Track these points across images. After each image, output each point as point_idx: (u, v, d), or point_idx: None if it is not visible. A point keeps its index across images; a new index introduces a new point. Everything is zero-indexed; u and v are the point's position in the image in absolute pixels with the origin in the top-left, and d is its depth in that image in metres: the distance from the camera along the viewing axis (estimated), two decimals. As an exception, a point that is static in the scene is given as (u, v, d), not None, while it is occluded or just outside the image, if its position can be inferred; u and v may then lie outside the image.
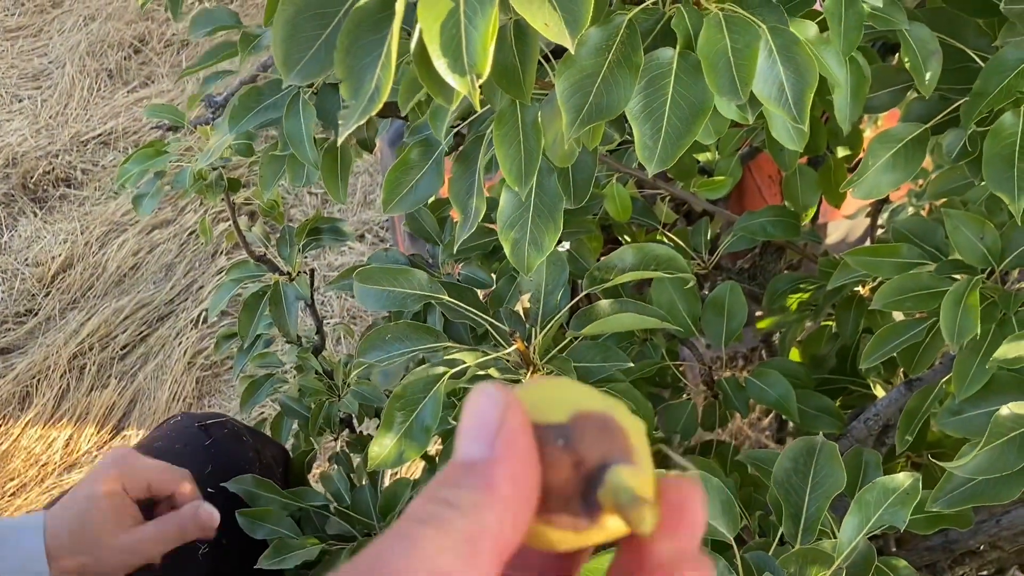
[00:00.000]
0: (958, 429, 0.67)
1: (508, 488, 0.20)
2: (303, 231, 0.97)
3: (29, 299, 1.97)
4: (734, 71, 0.53)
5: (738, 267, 0.99)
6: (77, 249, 2.02)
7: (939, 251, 0.69)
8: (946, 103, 0.65)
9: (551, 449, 0.21)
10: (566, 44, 0.48)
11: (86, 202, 2.12)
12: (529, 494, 0.21)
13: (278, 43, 0.49)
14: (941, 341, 0.70)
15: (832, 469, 0.60)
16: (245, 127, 0.76)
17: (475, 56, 0.44)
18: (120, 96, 2.28)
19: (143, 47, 2.41)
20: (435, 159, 0.67)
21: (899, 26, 0.63)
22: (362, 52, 0.47)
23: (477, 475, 0.20)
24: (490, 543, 0.20)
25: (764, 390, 0.74)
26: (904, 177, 0.65)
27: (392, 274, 0.69)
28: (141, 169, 0.88)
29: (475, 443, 0.21)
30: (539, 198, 0.65)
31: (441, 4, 0.45)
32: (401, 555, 0.19)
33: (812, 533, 0.59)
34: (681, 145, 0.56)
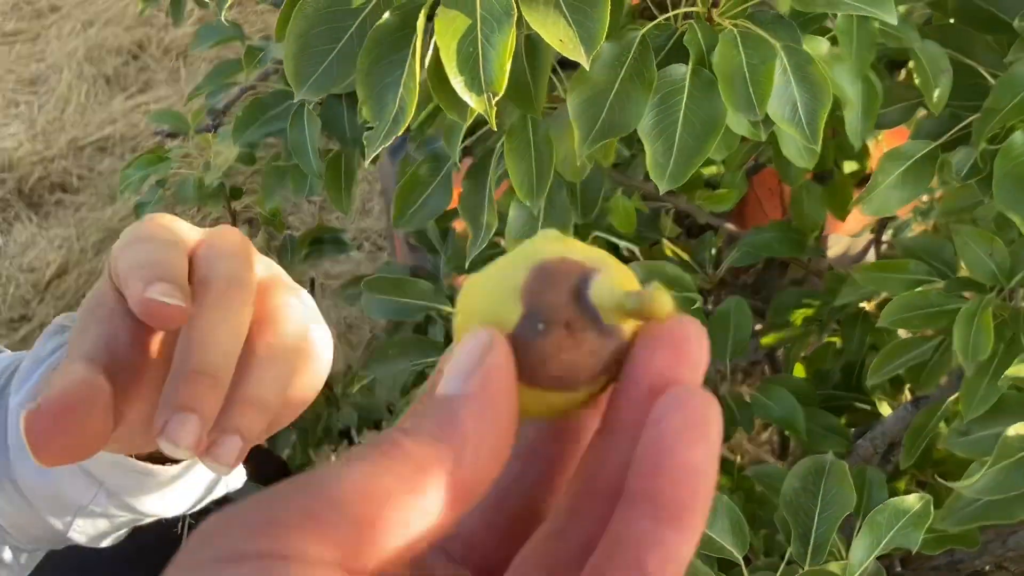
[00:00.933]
0: (966, 449, 0.66)
1: (472, 424, 0.19)
2: (305, 241, 0.97)
3: (23, 305, 1.96)
4: (750, 87, 0.52)
5: (741, 281, 0.99)
6: (72, 255, 2.01)
7: (947, 268, 0.69)
8: (956, 120, 0.65)
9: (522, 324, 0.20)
10: (581, 61, 0.48)
11: (82, 208, 2.10)
12: (499, 434, 0.19)
13: (289, 58, 0.49)
14: (948, 359, 0.70)
15: (841, 489, 0.60)
16: (250, 138, 0.76)
17: (492, 74, 0.44)
18: (118, 102, 2.27)
19: (141, 53, 2.40)
20: (444, 174, 0.67)
21: (910, 44, 0.63)
22: (383, 72, 0.47)
23: (443, 408, 0.19)
24: (443, 476, 0.18)
25: (770, 407, 0.74)
26: (914, 194, 0.65)
27: (398, 284, 0.69)
28: (142, 175, 0.87)
29: (453, 379, 0.20)
30: (549, 212, 0.65)
31: (459, 21, 0.44)
32: (340, 471, 0.18)
33: (821, 554, 0.58)
34: (693, 163, 0.56)
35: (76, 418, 0.30)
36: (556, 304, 0.20)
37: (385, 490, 0.18)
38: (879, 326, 0.67)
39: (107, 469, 0.41)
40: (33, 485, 0.43)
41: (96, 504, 0.43)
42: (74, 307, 1.98)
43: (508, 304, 0.20)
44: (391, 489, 0.18)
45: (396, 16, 0.48)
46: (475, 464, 0.19)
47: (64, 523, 0.44)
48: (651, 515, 0.19)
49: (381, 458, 0.18)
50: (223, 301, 0.33)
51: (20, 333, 1.92)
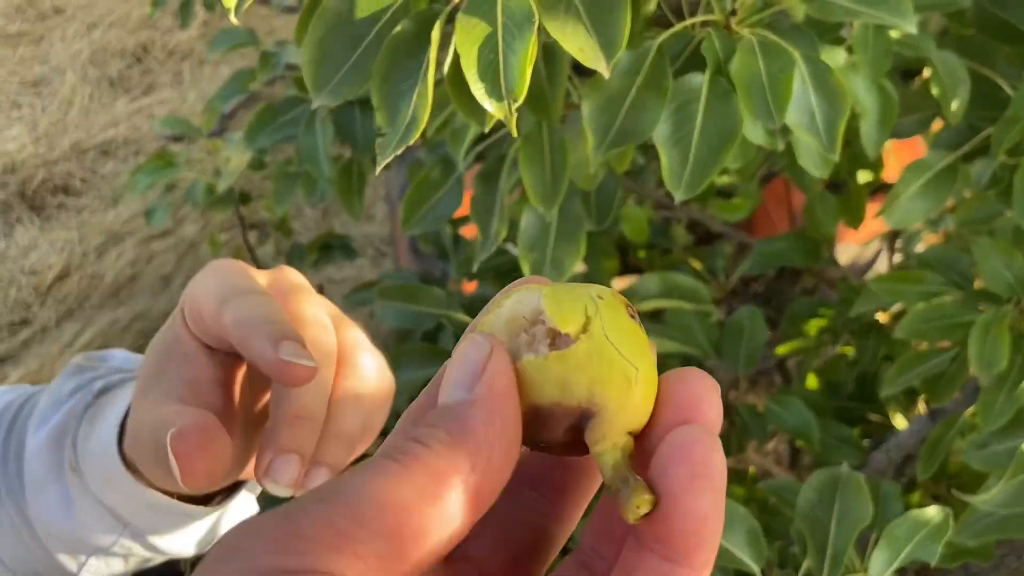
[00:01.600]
0: (984, 463, 0.66)
1: (483, 430, 0.19)
2: (314, 247, 0.96)
3: (24, 308, 1.95)
4: (769, 96, 0.52)
5: (752, 291, 0.98)
6: (74, 259, 2.01)
7: (964, 280, 0.68)
8: (974, 131, 0.64)
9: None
10: (601, 69, 0.47)
11: (84, 211, 2.10)
12: (508, 438, 0.20)
13: (307, 64, 0.48)
14: (964, 371, 0.70)
15: (858, 501, 0.59)
16: (262, 142, 0.75)
17: (513, 81, 0.44)
18: (121, 105, 2.27)
19: (145, 56, 2.40)
20: (455, 178, 0.67)
21: (927, 53, 0.62)
22: (398, 79, 0.46)
23: (452, 416, 0.19)
24: (459, 484, 0.18)
25: (784, 417, 0.73)
26: (935, 205, 0.65)
27: (411, 292, 0.68)
28: (151, 180, 0.87)
29: (456, 388, 0.20)
30: (562, 220, 0.64)
31: (479, 28, 0.44)
32: (360, 483, 0.18)
33: (838, 568, 0.57)
34: (709, 172, 0.55)
35: (215, 443, 0.32)
36: (551, 440, 0.21)
37: (407, 501, 0.18)
38: (895, 337, 0.66)
39: (140, 510, 0.41)
40: (51, 523, 0.43)
41: (118, 545, 0.43)
42: (75, 311, 1.97)
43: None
44: (413, 500, 0.18)
45: (413, 24, 0.48)
46: (488, 469, 0.19)
47: (77, 563, 0.44)
48: (662, 555, 0.19)
49: (399, 469, 0.18)
50: (314, 348, 0.35)
51: (21, 336, 1.91)
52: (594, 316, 0.21)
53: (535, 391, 0.20)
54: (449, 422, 0.19)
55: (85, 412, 0.42)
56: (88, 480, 0.41)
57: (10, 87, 2.34)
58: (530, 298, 0.21)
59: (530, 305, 0.21)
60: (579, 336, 0.20)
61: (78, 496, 0.41)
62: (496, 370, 0.20)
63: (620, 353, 0.20)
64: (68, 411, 0.42)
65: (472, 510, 0.19)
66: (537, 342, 0.21)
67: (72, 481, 0.41)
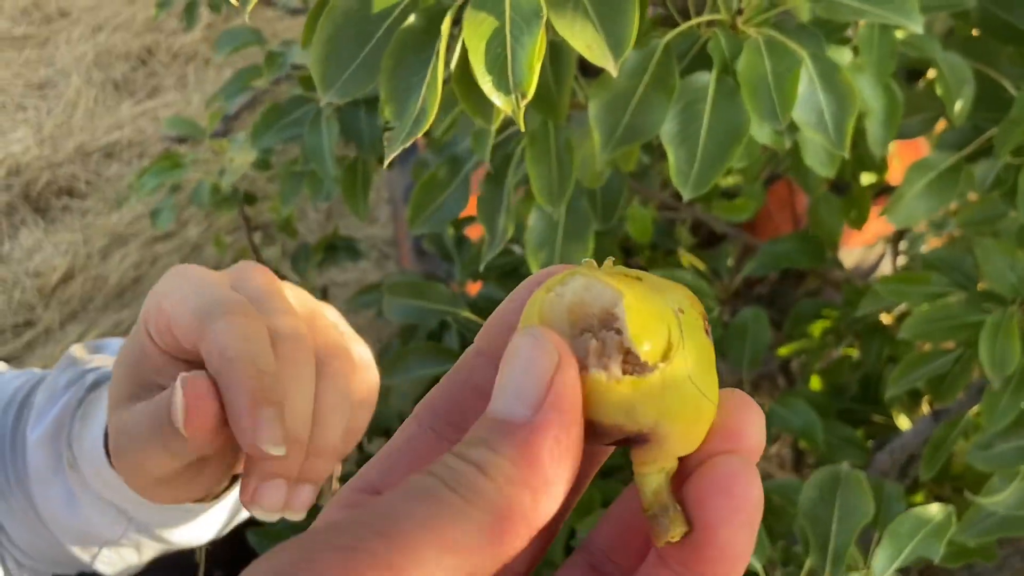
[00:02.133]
0: (988, 463, 0.66)
1: (551, 466, 0.17)
2: (319, 248, 0.96)
3: (28, 310, 1.96)
4: (774, 96, 0.52)
5: (756, 293, 0.98)
6: (79, 261, 2.01)
7: (968, 280, 0.68)
8: (978, 132, 0.65)
9: None
10: (608, 67, 0.48)
11: (88, 213, 2.10)
12: (573, 471, 0.18)
13: (316, 62, 0.49)
14: (969, 371, 0.70)
15: (859, 499, 0.59)
16: (267, 142, 0.75)
17: (521, 75, 0.44)
18: (126, 107, 2.27)
19: (150, 58, 2.41)
20: (462, 178, 0.67)
21: (932, 54, 0.63)
22: (406, 73, 0.46)
23: (517, 443, 0.17)
24: (521, 526, 0.17)
25: (789, 418, 0.73)
26: (939, 205, 0.65)
27: (418, 288, 0.69)
28: (158, 181, 0.87)
29: (516, 400, 0.18)
30: (569, 218, 0.65)
31: (487, 23, 0.44)
32: (419, 519, 0.16)
33: (840, 565, 0.58)
34: (717, 170, 0.55)
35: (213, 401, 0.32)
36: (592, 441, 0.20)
37: (470, 545, 0.17)
38: (899, 338, 0.66)
39: (140, 506, 0.41)
40: (58, 517, 0.43)
41: (126, 538, 0.42)
42: (79, 313, 1.98)
43: None
44: (476, 543, 0.17)
45: (421, 19, 0.48)
46: (550, 507, 0.18)
47: (90, 554, 0.44)
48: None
49: (462, 505, 0.17)
50: (294, 367, 0.33)
51: (25, 338, 1.91)
52: (677, 342, 0.19)
53: (596, 409, 0.18)
54: (511, 449, 0.18)
55: (79, 408, 0.42)
56: (86, 476, 0.41)
57: (15, 89, 2.35)
58: (603, 293, 0.19)
59: (602, 301, 0.19)
60: (658, 365, 0.18)
61: (79, 491, 0.41)
62: (565, 390, 0.18)
63: (698, 388, 0.19)
64: (63, 405, 0.42)
65: (525, 544, 0.17)
66: (609, 355, 0.19)
67: (72, 477, 0.41)
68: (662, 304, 0.19)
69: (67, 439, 0.41)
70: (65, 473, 0.41)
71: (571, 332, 0.19)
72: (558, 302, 0.19)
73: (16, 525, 0.44)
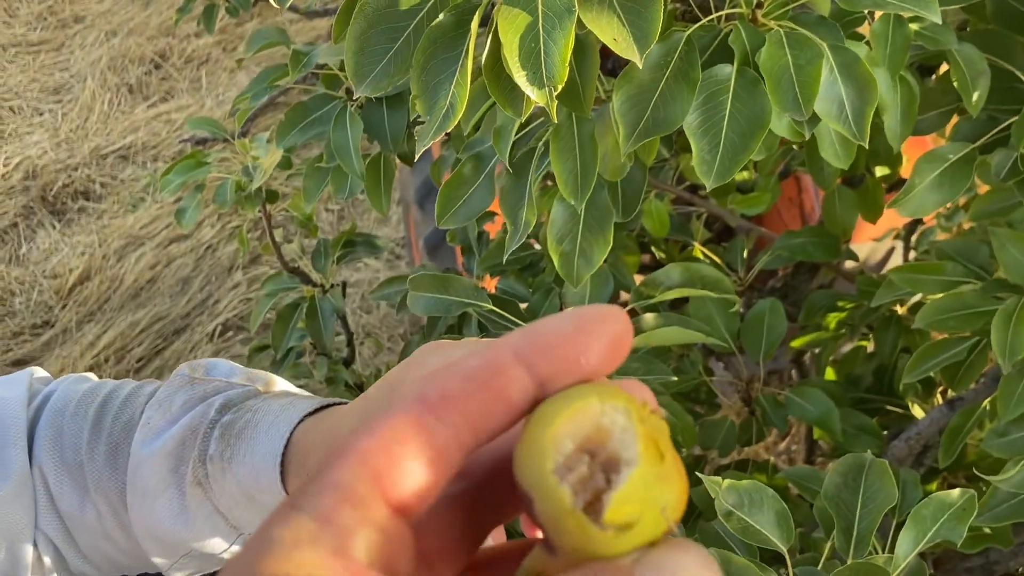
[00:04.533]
0: (1003, 450, 0.67)
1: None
2: (338, 243, 0.98)
3: (46, 311, 1.98)
4: (796, 87, 0.53)
5: (769, 286, 0.99)
6: (95, 262, 2.03)
7: (983, 270, 0.69)
8: (994, 123, 0.66)
9: None
10: (634, 59, 0.49)
11: (104, 215, 2.13)
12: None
13: (350, 56, 0.50)
14: (984, 360, 0.71)
15: (883, 484, 0.60)
16: (293, 141, 0.77)
17: (553, 69, 0.45)
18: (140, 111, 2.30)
19: (164, 62, 2.43)
20: (487, 173, 0.68)
21: (948, 46, 0.64)
22: (437, 69, 0.48)
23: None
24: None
25: (805, 407, 0.74)
26: (950, 196, 0.66)
27: (441, 281, 0.70)
28: (182, 180, 0.89)
29: None
30: (590, 212, 0.66)
31: (520, 18, 0.46)
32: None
33: (864, 548, 0.59)
34: (739, 160, 0.56)
35: None
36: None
37: None
38: (914, 328, 0.68)
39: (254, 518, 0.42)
40: (157, 528, 0.43)
41: (228, 553, 0.44)
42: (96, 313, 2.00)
43: None
44: None
45: (452, 16, 0.50)
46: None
47: (170, 562, 0.45)
48: None
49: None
50: None
51: (43, 338, 1.94)
52: (637, 534, 0.20)
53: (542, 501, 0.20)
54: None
55: (214, 430, 0.43)
56: (215, 495, 0.42)
57: (31, 94, 2.38)
58: (627, 449, 0.20)
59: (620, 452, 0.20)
60: (610, 528, 0.20)
61: (196, 507, 0.42)
62: None
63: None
64: (186, 426, 0.43)
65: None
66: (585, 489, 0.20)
67: (192, 492, 0.42)
68: (657, 497, 0.20)
69: (199, 457, 0.42)
70: (182, 488, 0.42)
71: (576, 443, 0.20)
72: (586, 418, 0.20)
73: (83, 527, 0.45)
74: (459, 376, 0.21)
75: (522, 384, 0.21)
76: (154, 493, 0.43)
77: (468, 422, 0.20)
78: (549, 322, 0.22)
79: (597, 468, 0.20)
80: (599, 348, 0.21)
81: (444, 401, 0.20)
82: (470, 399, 0.21)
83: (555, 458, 0.20)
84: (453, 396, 0.21)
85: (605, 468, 0.20)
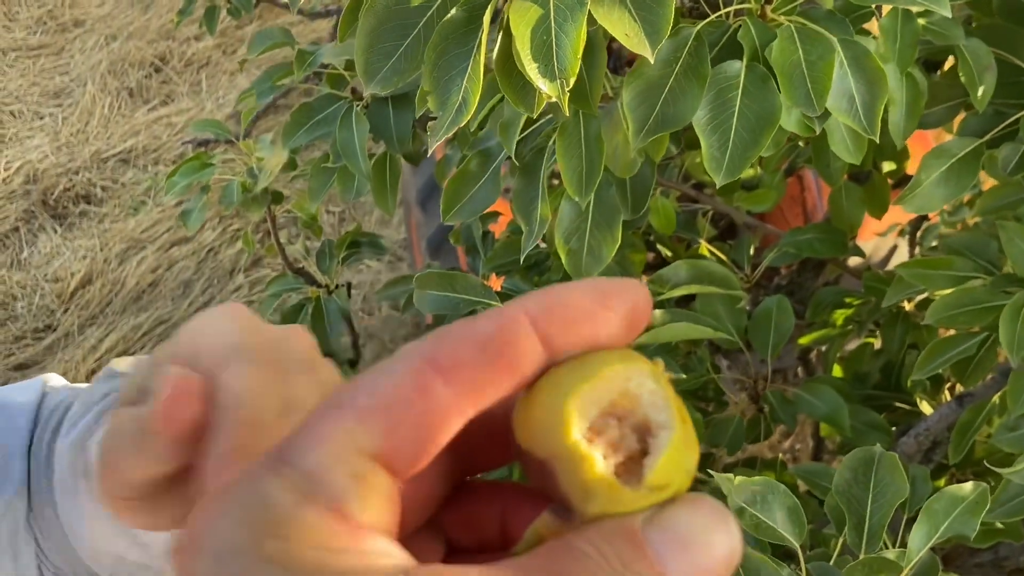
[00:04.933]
0: (1014, 444, 0.67)
1: None
2: (343, 244, 0.98)
3: (48, 315, 1.97)
4: (809, 83, 0.53)
5: (775, 284, 0.99)
6: (96, 265, 2.03)
7: (992, 265, 0.69)
8: (1001, 118, 0.66)
9: None
10: (646, 54, 0.49)
11: (106, 219, 2.12)
12: None
13: (360, 53, 0.50)
14: (994, 355, 0.71)
15: (893, 478, 0.60)
16: (298, 141, 0.77)
17: (565, 61, 0.45)
18: (141, 114, 2.30)
19: (164, 66, 2.43)
20: (493, 170, 0.68)
21: (955, 41, 0.64)
22: (448, 65, 0.48)
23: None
24: None
25: (815, 404, 0.74)
26: (957, 192, 0.66)
27: (448, 279, 0.70)
28: (187, 182, 0.89)
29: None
30: (597, 209, 0.66)
31: (532, 11, 0.46)
32: None
33: (876, 543, 0.59)
34: (748, 156, 0.56)
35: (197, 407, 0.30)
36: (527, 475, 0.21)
37: None
38: (923, 324, 0.68)
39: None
40: (73, 526, 0.41)
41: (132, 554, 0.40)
42: (98, 317, 2.00)
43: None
44: None
45: (463, 11, 0.50)
46: None
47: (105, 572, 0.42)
48: None
49: None
50: None
51: (45, 342, 1.93)
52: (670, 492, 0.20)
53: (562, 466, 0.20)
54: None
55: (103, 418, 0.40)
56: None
57: (32, 98, 2.38)
58: (661, 414, 0.20)
59: (653, 416, 0.20)
60: (644, 487, 0.20)
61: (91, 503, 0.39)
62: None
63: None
64: (95, 415, 0.40)
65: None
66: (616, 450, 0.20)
67: (85, 486, 0.39)
68: (686, 459, 0.20)
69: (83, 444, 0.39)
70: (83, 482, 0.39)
71: (601, 408, 0.20)
72: (612, 383, 0.20)
73: (48, 540, 0.43)
74: (471, 341, 0.20)
75: (536, 356, 0.20)
76: (69, 489, 0.40)
77: (474, 389, 0.20)
78: (567, 292, 0.21)
79: (627, 431, 0.20)
80: (618, 322, 0.21)
81: (453, 366, 0.20)
82: (480, 368, 0.20)
83: (580, 424, 0.19)
84: (463, 362, 0.20)
85: (636, 430, 0.20)
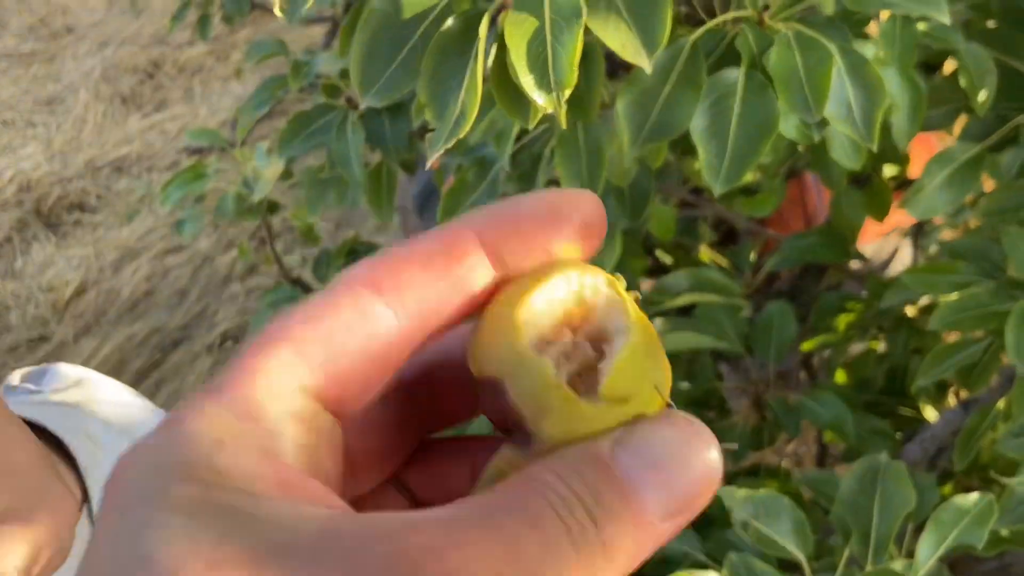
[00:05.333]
0: (1020, 450, 0.66)
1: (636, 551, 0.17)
2: (341, 253, 0.97)
3: (42, 325, 1.96)
4: (807, 89, 0.53)
5: (776, 288, 0.99)
6: (91, 274, 2.02)
7: (996, 269, 0.69)
8: (1002, 122, 0.65)
9: None
10: (643, 64, 0.48)
11: (100, 228, 2.11)
12: None
13: (356, 65, 0.49)
14: (998, 360, 0.70)
15: (899, 488, 0.60)
16: (294, 151, 0.76)
17: (561, 73, 0.44)
18: (134, 121, 2.28)
19: (157, 72, 2.42)
20: (490, 179, 0.67)
21: (955, 45, 0.63)
22: (446, 76, 0.47)
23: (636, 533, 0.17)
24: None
25: (818, 411, 0.74)
26: (960, 196, 0.66)
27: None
28: (183, 192, 0.88)
29: (660, 504, 0.17)
30: (598, 218, 0.65)
31: (528, 23, 0.45)
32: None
33: (883, 554, 0.58)
34: (747, 164, 0.56)
35: None
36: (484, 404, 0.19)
37: None
38: (927, 329, 0.67)
39: None
40: None
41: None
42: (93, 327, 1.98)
43: None
44: None
45: (459, 21, 0.49)
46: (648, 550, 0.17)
47: None
48: None
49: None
50: None
51: (39, 353, 1.92)
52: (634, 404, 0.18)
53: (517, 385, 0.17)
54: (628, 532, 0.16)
55: None
56: None
57: (24, 106, 2.37)
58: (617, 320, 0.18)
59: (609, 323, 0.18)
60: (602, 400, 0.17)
61: None
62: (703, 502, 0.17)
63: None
64: None
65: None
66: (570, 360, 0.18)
67: None
68: (650, 371, 0.18)
69: None
70: None
71: (554, 319, 0.18)
72: (564, 291, 0.18)
73: None
74: (413, 258, 0.18)
75: (485, 272, 0.19)
76: None
77: (420, 312, 0.18)
78: (515, 203, 0.19)
79: (582, 339, 0.18)
80: (570, 232, 0.19)
81: (394, 285, 0.18)
82: (425, 286, 0.18)
83: (530, 333, 0.18)
84: (406, 282, 0.18)
85: (592, 339, 0.18)
